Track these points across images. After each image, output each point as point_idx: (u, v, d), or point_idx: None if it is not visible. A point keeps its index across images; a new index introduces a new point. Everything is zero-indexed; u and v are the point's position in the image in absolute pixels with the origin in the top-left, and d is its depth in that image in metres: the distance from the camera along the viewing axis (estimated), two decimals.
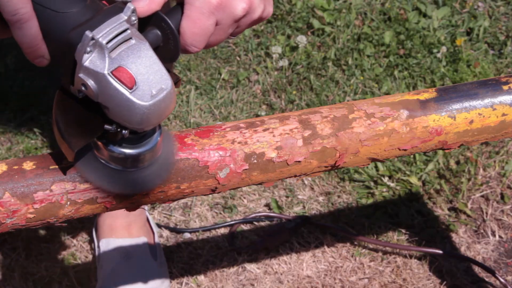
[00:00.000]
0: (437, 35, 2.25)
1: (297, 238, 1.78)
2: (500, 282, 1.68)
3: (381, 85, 2.12)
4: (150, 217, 1.75)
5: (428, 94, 0.91)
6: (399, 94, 0.91)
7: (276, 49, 2.22)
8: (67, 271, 1.71)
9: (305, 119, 0.87)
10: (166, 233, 1.80)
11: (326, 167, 0.88)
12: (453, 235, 1.79)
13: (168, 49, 0.78)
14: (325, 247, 1.76)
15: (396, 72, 2.16)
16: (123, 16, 0.72)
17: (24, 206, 0.77)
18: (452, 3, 2.38)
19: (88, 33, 0.69)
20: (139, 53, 0.72)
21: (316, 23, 2.30)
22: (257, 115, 2.07)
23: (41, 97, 2.12)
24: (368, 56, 2.22)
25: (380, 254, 1.75)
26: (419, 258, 1.74)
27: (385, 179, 1.87)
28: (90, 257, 1.74)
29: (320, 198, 1.87)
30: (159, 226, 1.81)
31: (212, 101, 2.10)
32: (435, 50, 2.22)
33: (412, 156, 1.92)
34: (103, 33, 0.70)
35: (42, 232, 1.79)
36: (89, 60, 0.70)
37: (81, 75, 0.71)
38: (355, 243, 1.77)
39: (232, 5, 0.78)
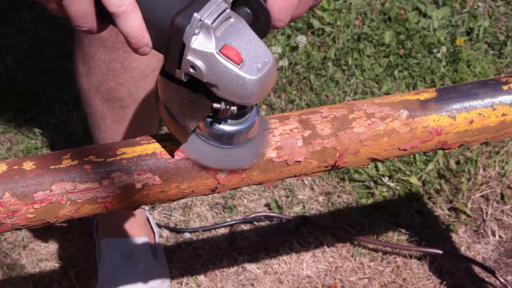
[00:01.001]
0: (437, 35, 2.25)
1: (297, 238, 1.78)
2: (500, 282, 1.68)
3: (381, 85, 2.12)
4: (150, 217, 1.75)
5: (428, 94, 0.91)
6: (399, 94, 0.91)
7: (276, 49, 2.22)
8: (67, 271, 1.71)
9: (305, 119, 0.87)
10: (166, 233, 1.80)
11: (326, 167, 0.88)
12: (453, 235, 1.79)
13: (258, 25, 0.80)
14: (325, 247, 1.76)
15: (396, 72, 2.16)
16: None
17: (24, 206, 0.77)
18: (452, 3, 2.38)
19: (196, 15, 0.72)
20: (239, 30, 0.75)
21: (316, 23, 2.30)
22: None
23: (41, 97, 2.12)
24: (368, 56, 2.22)
25: (380, 254, 1.75)
26: (419, 258, 1.74)
27: (385, 179, 1.87)
28: (90, 257, 1.74)
29: (320, 198, 1.87)
30: (159, 226, 1.81)
31: None
32: (435, 50, 2.21)
33: (412, 156, 1.92)
34: (207, 14, 0.73)
35: (42, 232, 1.79)
36: (197, 41, 0.73)
37: (189, 57, 0.74)
38: (355, 243, 1.77)
39: None
